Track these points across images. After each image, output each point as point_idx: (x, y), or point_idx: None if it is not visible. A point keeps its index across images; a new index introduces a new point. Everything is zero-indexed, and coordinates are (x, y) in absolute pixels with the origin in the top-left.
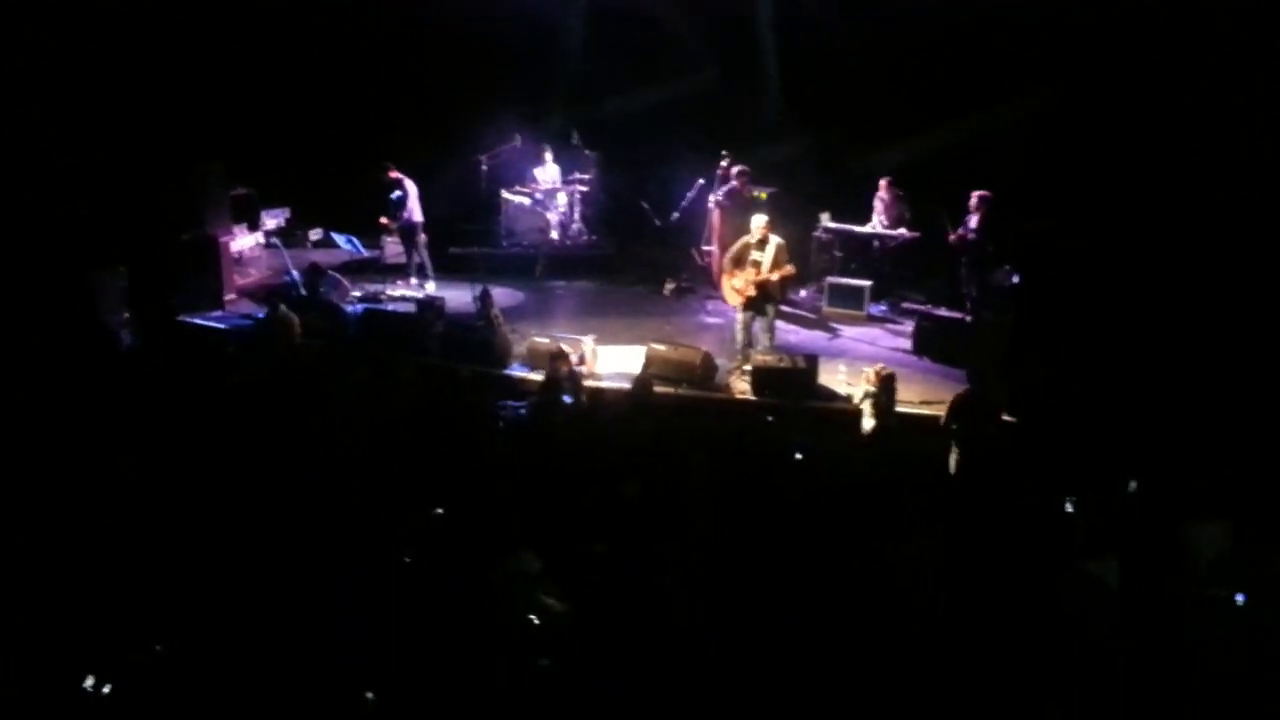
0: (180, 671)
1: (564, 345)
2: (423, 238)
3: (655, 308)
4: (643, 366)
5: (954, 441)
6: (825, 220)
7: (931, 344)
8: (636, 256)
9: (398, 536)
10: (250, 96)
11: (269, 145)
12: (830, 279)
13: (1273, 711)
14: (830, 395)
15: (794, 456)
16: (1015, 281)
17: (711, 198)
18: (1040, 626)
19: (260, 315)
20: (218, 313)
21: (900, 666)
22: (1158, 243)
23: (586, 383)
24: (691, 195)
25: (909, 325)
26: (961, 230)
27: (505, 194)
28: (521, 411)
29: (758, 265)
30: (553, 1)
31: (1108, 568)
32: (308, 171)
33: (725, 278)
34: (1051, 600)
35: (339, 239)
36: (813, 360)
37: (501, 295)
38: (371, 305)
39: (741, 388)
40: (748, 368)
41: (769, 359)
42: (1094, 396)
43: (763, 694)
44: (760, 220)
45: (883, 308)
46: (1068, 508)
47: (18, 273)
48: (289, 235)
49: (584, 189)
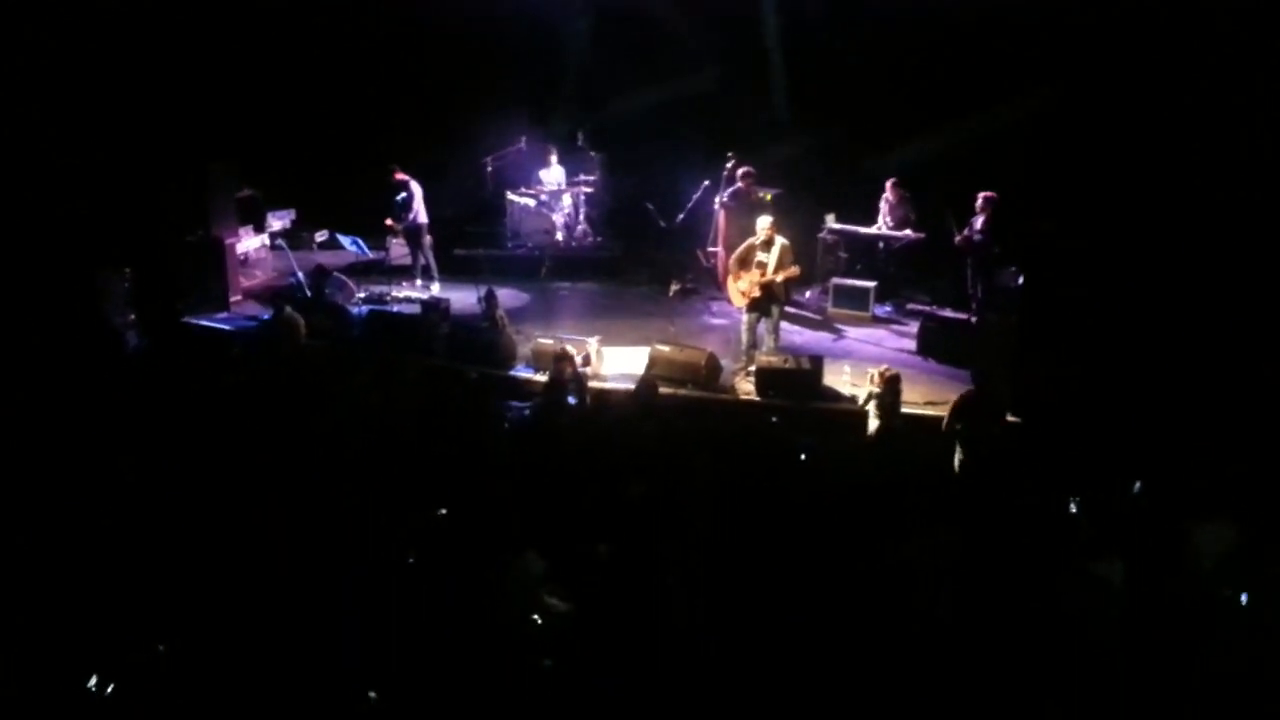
0: (183, 671)
1: (569, 346)
2: (428, 239)
3: (660, 309)
4: (647, 367)
5: (958, 442)
6: (830, 221)
7: (936, 345)
8: (641, 258)
9: (402, 537)
10: (256, 98)
11: (275, 147)
12: (835, 280)
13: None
14: (835, 396)
15: (799, 457)
16: (1020, 282)
17: (717, 199)
18: (1044, 626)
19: (265, 316)
20: (223, 314)
21: (903, 666)
22: (1160, 243)
23: (591, 384)
24: (697, 196)
25: (914, 326)
26: (967, 231)
27: (510, 195)
28: (526, 412)
29: (763, 266)
30: (558, 3)
31: (1112, 568)
32: (313, 173)
33: (730, 279)
34: (1055, 600)
35: (344, 240)
36: (818, 361)
37: (506, 296)
38: (376, 306)
39: (746, 389)
40: (752, 369)
41: (774, 360)
42: (1099, 397)
43: (765, 694)
44: (765, 221)
45: (888, 309)
46: (1072, 508)
47: (23, 273)
48: (294, 237)
49: (589, 190)
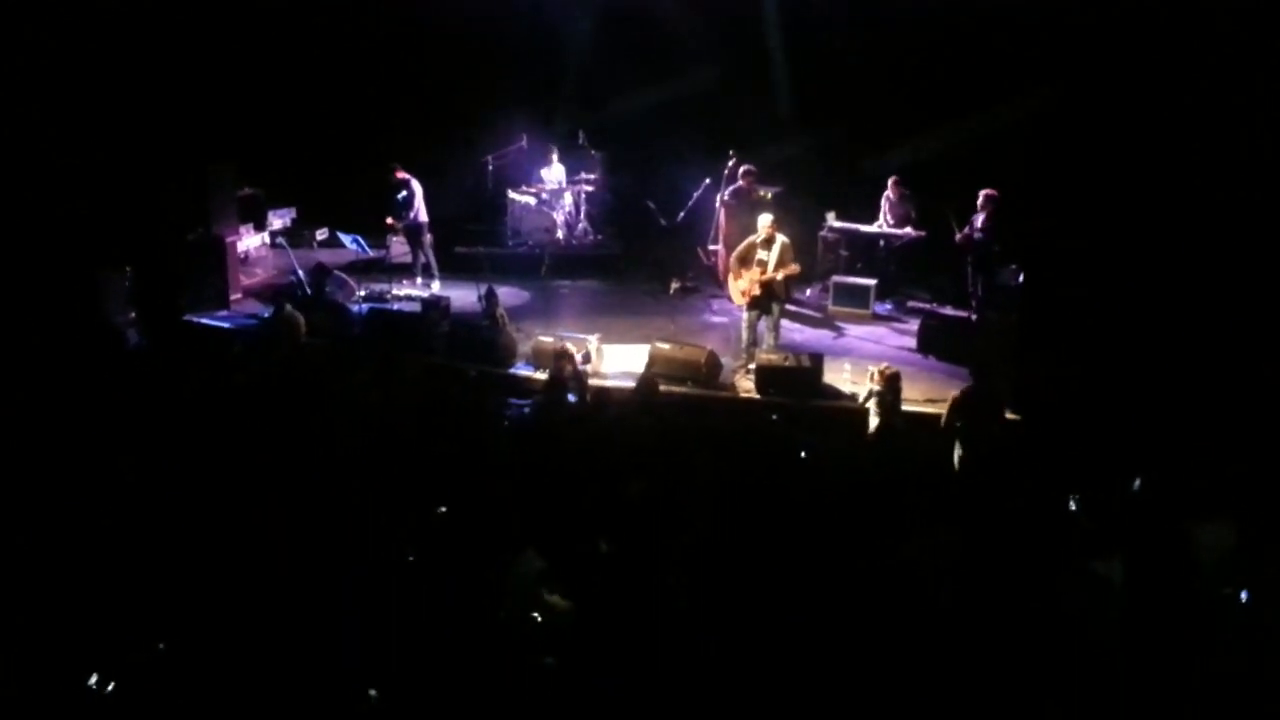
0: (184, 670)
1: (569, 344)
2: (428, 237)
3: (660, 307)
4: (647, 365)
5: (958, 440)
6: (831, 219)
7: (937, 343)
8: (642, 256)
9: (401, 535)
10: (257, 96)
11: (275, 145)
12: (836, 278)
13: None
14: (835, 394)
15: (799, 455)
16: (1021, 280)
17: (717, 197)
18: (1044, 625)
19: (266, 315)
20: (224, 312)
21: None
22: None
23: (591, 382)
24: (697, 194)
25: (914, 324)
26: (968, 229)
27: (511, 194)
28: (526, 410)
29: (763, 264)
30: (559, 2)
31: (1112, 566)
32: (314, 171)
33: (731, 277)
34: (1055, 599)
35: (345, 239)
36: (818, 359)
37: (507, 294)
38: (377, 305)
39: (746, 386)
40: (753, 366)
41: (774, 358)
42: (1099, 394)
43: (766, 693)
44: (766, 219)
45: (888, 306)
46: (1072, 506)
47: (24, 272)
48: (295, 235)
49: (590, 189)
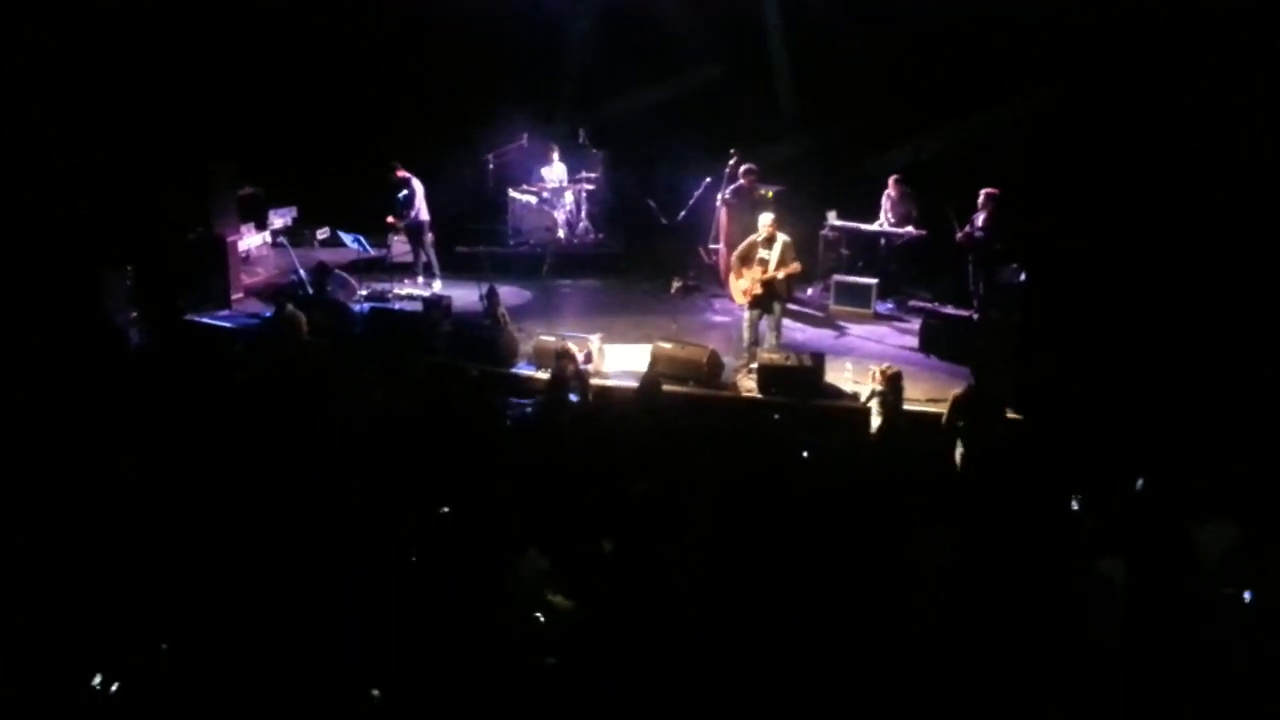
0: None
1: (570, 344)
2: (430, 236)
3: (662, 306)
4: (649, 365)
5: (959, 439)
6: (832, 218)
7: (938, 342)
8: (643, 255)
9: (403, 535)
10: (257, 96)
11: (276, 144)
12: (837, 277)
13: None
14: (837, 393)
15: (801, 455)
16: (1022, 279)
17: (719, 196)
18: (1046, 624)
19: (267, 314)
20: (225, 312)
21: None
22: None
23: (593, 381)
24: (698, 194)
25: (916, 323)
26: (969, 228)
27: (512, 193)
28: (528, 410)
29: (764, 263)
30: (559, 2)
31: (1114, 566)
32: (315, 170)
33: (732, 276)
34: (1057, 598)
35: (346, 238)
36: (819, 358)
37: (508, 294)
38: (378, 304)
39: (748, 386)
40: (754, 366)
41: (776, 357)
42: (1101, 394)
43: (768, 692)
44: (767, 218)
45: (889, 306)
46: (1074, 505)
47: (25, 271)
48: (296, 234)
49: (591, 188)
